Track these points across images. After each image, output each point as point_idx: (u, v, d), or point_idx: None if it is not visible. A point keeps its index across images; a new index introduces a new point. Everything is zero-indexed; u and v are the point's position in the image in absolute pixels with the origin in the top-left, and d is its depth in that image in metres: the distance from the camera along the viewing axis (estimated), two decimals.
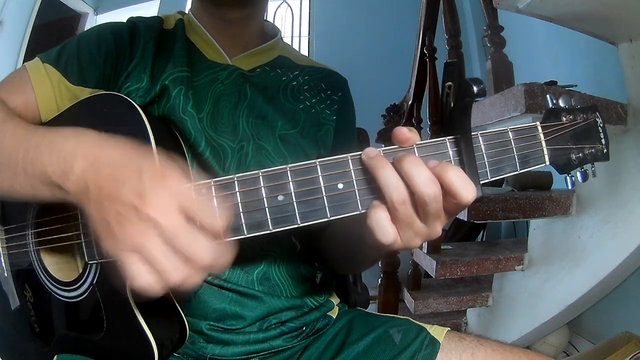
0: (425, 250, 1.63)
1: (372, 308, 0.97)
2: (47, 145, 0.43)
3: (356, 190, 0.43)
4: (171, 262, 0.37)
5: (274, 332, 0.64)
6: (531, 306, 1.57)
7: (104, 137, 0.43)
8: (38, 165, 0.43)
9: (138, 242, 0.37)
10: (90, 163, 0.40)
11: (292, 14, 4.08)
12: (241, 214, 0.43)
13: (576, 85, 1.39)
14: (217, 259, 0.38)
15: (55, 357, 0.57)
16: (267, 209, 0.43)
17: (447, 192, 0.41)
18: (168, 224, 0.36)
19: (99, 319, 0.53)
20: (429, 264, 1.58)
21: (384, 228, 0.42)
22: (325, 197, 0.43)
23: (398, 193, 0.41)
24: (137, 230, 0.37)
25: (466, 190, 0.40)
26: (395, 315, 0.69)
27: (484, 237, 2.70)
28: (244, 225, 0.43)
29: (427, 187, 0.40)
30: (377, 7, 3.70)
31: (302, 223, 0.43)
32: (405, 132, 0.43)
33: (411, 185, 0.40)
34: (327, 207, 0.43)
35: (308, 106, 0.72)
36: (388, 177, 0.41)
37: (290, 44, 0.83)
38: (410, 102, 2.08)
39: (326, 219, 0.43)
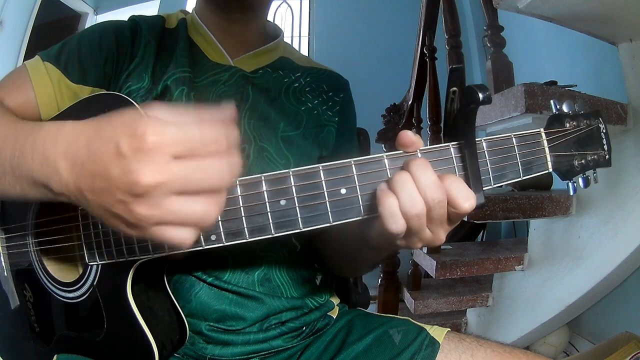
0: (425, 250, 1.63)
1: (372, 308, 0.97)
2: (30, 146, 0.41)
3: (359, 196, 0.43)
4: (199, 207, 0.35)
5: (274, 332, 0.64)
6: (531, 306, 1.57)
7: (77, 127, 0.39)
8: (24, 167, 0.41)
9: (157, 215, 0.34)
10: (72, 162, 0.37)
11: (292, 14, 4.08)
12: (243, 217, 0.43)
13: (576, 85, 1.39)
14: (235, 171, 0.36)
15: (55, 356, 0.57)
16: (269, 213, 0.43)
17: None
18: (172, 177, 0.34)
19: (99, 320, 0.53)
20: (429, 264, 1.58)
21: (396, 216, 0.41)
22: (327, 202, 0.43)
23: (398, 225, 0.41)
24: (148, 206, 0.34)
25: (463, 198, 0.41)
26: (395, 316, 0.69)
27: (484, 237, 2.69)
28: (245, 229, 0.43)
29: (433, 192, 0.40)
30: (377, 7, 3.69)
31: (304, 228, 0.43)
32: (410, 136, 0.43)
33: (418, 189, 0.40)
34: (329, 212, 0.43)
35: (310, 108, 0.72)
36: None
37: (290, 44, 0.83)
38: (410, 102, 2.08)
39: (328, 224, 0.43)
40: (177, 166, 0.34)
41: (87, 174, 0.36)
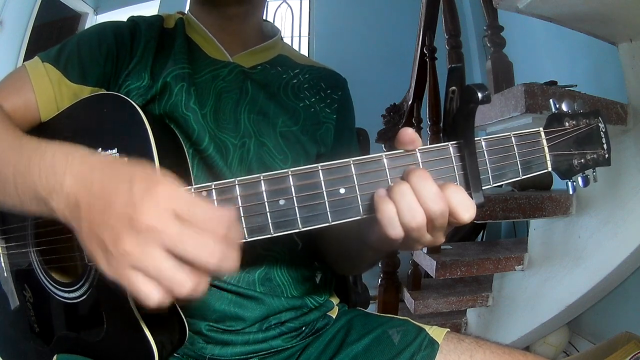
0: (425, 250, 1.63)
1: (372, 308, 0.97)
2: (38, 161, 0.42)
3: (358, 196, 0.43)
4: (178, 273, 0.34)
5: (273, 332, 0.64)
6: (531, 306, 1.57)
7: (94, 155, 0.41)
8: (28, 180, 0.42)
9: (139, 257, 0.34)
10: (79, 180, 0.38)
11: (292, 14, 4.08)
12: (242, 218, 0.43)
13: (576, 85, 1.39)
14: (225, 260, 0.36)
15: (55, 356, 0.57)
16: (268, 213, 0.43)
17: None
18: (168, 231, 0.34)
19: (99, 320, 0.53)
20: (429, 264, 1.58)
21: (394, 223, 0.41)
22: (327, 202, 0.43)
23: (397, 231, 0.42)
24: (136, 244, 0.34)
25: (464, 209, 0.41)
26: (394, 316, 0.69)
27: (484, 237, 2.69)
28: (245, 229, 0.43)
29: (435, 203, 0.41)
30: (377, 7, 3.69)
31: (303, 227, 0.43)
32: (410, 134, 0.43)
33: (419, 201, 0.41)
34: (328, 212, 0.43)
35: (308, 105, 0.72)
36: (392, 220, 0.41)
37: (290, 44, 0.83)
38: (410, 102, 2.08)
39: (327, 224, 0.43)
40: (175, 224, 0.34)
41: (91, 193, 0.37)
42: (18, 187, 0.43)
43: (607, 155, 0.48)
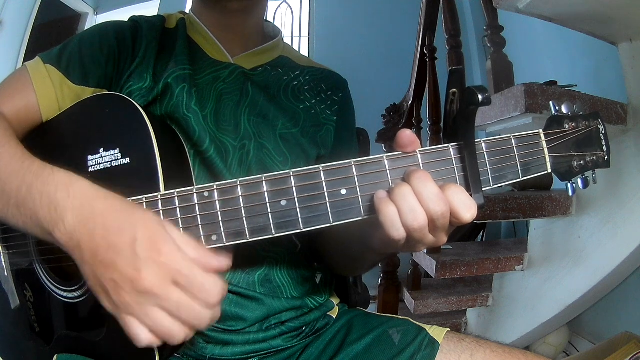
0: (425, 251, 1.63)
1: (372, 308, 0.97)
2: (39, 189, 0.43)
3: (359, 197, 0.43)
4: (172, 328, 0.39)
5: (273, 332, 0.64)
6: (531, 306, 1.57)
7: (95, 191, 0.42)
8: (29, 206, 0.43)
9: (138, 312, 0.38)
10: (81, 221, 0.40)
11: (292, 14, 4.08)
12: (244, 218, 0.43)
13: (576, 85, 1.39)
14: (213, 320, 0.41)
15: (55, 356, 0.57)
16: (270, 213, 0.43)
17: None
18: (167, 298, 0.38)
19: (100, 320, 0.53)
20: (429, 264, 1.58)
21: (396, 224, 0.42)
22: (328, 203, 0.43)
23: (400, 232, 0.42)
24: (136, 302, 0.38)
25: (465, 209, 0.42)
26: (394, 316, 0.69)
27: (484, 237, 2.69)
28: (246, 229, 0.43)
29: (436, 204, 0.41)
30: (377, 7, 3.69)
31: (304, 228, 0.43)
32: (409, 136, 0.44)
33: (420, 202, 0.41)
34: (330, 213, 0.43)
35: (308, 107, 0.72)
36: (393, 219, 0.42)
37: (290, 44, 0.83)
38: (410, 102, 2.08)
39: (329, 225, 0.44)
40: (175, 292, 0.38)
41: (94, 240, 0.39)
42: (20, 210, 0.44)
43: (606, 157, 0.49)
